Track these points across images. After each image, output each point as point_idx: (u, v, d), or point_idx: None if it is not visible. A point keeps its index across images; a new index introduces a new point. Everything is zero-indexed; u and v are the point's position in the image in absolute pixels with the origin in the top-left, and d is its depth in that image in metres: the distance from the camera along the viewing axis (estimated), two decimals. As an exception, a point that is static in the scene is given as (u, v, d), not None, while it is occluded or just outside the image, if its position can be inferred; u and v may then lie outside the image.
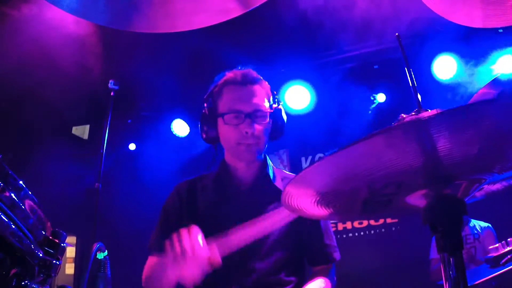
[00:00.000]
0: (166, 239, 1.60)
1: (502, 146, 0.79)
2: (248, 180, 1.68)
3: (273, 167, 1.77)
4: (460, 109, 0.69)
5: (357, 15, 3.75)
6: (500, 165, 0.84)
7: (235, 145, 1.60)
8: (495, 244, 3.91)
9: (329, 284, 1.60)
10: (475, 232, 3.90)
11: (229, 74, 1.67)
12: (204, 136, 1.70)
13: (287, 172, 1.82)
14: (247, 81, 1.62)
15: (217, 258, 1.30)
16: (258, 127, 1.58)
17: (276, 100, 1.71)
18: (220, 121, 1.63)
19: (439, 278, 3.77)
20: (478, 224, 3.96)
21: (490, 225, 3.92)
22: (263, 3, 1.21)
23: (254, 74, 1.66)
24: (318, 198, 0.90)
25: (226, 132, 1.61)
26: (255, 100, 1.60)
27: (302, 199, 0.92)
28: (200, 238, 1.31)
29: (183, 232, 1.32)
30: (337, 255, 1.68)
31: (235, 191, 1.68)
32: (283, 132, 1.72)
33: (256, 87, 1.63)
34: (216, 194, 1.69)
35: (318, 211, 0.96)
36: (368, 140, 0.72)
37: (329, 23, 4.01)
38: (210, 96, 1.68)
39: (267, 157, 1.76)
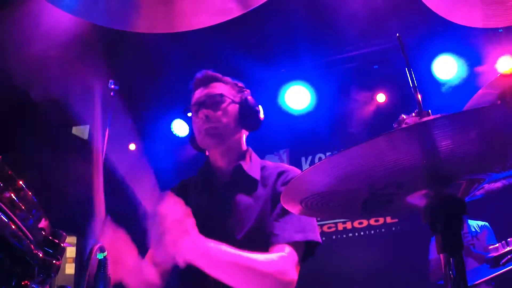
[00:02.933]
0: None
1: (503, 146, 0.79)
2: (227, 172, 1.72)
3: (254, 158, 1.78)
4: (464, 113, 0.70)
5: (357, 15, 3.75)
6: (501, 165, 0.84)
7: (199, 135, 1.71)
8: (495, 240, 3.92)
9: (272, 261, 1.45)
10: (473, 230, 3.91)
11: (194, 79, 1.81)
12: (191, 142, 1.82)
13: (270, 162, 1.82)
14: (206, 80, 1.76)
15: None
16: (213, 112, 1.68)
17: (242, 92, 1.79)
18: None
19: (438, 278, 3.77)
20: (475, 223, 3.97)
21: (487, 223, 3.93)
22: (263, 3, 1.21)
23: (212, 73, 1.78)
24: (318, 197, 0.91)
25: (193, 125, 1.75)
26: (210, 92, 1.72)
27: (303, 197, 0.92)
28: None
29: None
30: (299, 236, 1.51)
31: (217, 185, 1.73)
32: (255, 121, 1.76)
33: (215, 83, 1.75)
34: (203, 190, 1.75)
35: (318, 209, 0.96)
36: (370, 141, 0.73)
37: (329, 23, 4.01)
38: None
39: (249, 149, 1.79)
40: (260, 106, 1.79)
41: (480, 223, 3.95)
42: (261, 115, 1.78)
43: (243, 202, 1.64)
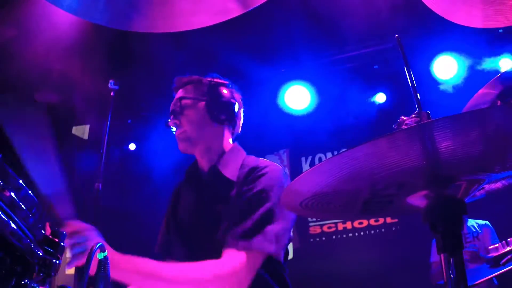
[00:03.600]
0: (160, 243, 1.69)
1: (503, 147, 0.80)
2: (205, 170, 1.72)
3: (235, 156, 1.70)
4: (464, 114, 0.70)
5: (357, 15, 3.75)
6: (501, 165, 0.84)
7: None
8: (496, 240, 3.87)
9: (220, 267, 1.41)
10: (474, 230, 3.88)
11: None
12: None
13: (254, 159, 1.70)
14: (175, 88, 1.80)
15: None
16: (181, 118, 1.70)
17: (212, 86, 1.74)
18: None
19: (439, 281, 3.75)
20: (476, 222, 3.94)
21: (488, 222, 3.91)
22: (263, 3, 1.21)
23: (180, 80, 1.79)
24: (319, 198, 0.91)
25: None
26: (176, 100, 1.74)
27: (303, 198, 0.92)
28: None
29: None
30: (253, 244, 1.42)
31: (200, 185, 1.72)
32: (227, 113, 1.71)
33: (181, 89, 1.77)
34: (189, 191, 1.76)
35: (318, 210, 0.97)
36: (371, 142, 0.73)
37: (329, 23, 4.01)
38: None
39: (234, 146, 1.73)
40: (236, 97, 1.74)
41: (481, 222, 3.92)
42: (235, 107, 1.72)
43: (217, 205, 1.60)
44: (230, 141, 1.76)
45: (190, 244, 1.62)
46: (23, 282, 0.63)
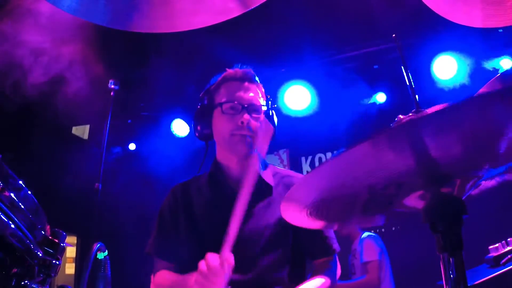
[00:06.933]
0: (164, 242, 1.63)
1: (488, 143, 0.79)
2: (240, 177, 1.61)
3: (265, 162, 1.77)
4: (440, 111, 0.68)
5: (357, 15, 3.75)
6: (490, 161, 0.84)
7: (229, 136, 1.62)
8: (373, 254, 3.79)
9: (328, 281, 1.60)
10: (356, 248, 3.80)
11: (229, 71, 1.74)
12: (198, 131, 1.74)
13: (279, 168, 1.83)
14: (246, 78, 1.69)
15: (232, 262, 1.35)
16: (253, 121, 1.62)
17: (269, 103, 1.75)
18: (216, 113, 1.67)
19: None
20: (363, 236, 3.85)
21: (371, 234, 3.83)
22: (263, 3, 1.21)
23: (253, 74, 1.73)
24: (317, 206, 0.89)
25: (222, 122, 1.64)
26: (252, 95, 1.66)
27: (301, 208, 0.91)
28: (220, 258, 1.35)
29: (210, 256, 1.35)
30: (336, 246, 1.70)
31: (229, 190, 1.67)
32: (274, 135, 1.70)
33: (254, 86, 1.70)
34: (211, 195, 1.70)
35: (317, 219, 0.95)
36: (360, 144, 0.72)
37: (329, 23, 4.01)
38: (206, 93, 1.74)
39: (258, 154, 1.75)
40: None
41: (364, 235, 3.84)
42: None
43: (260, 206, 1.63)
44: None
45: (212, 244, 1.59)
46: (23, 282, 0.63)
